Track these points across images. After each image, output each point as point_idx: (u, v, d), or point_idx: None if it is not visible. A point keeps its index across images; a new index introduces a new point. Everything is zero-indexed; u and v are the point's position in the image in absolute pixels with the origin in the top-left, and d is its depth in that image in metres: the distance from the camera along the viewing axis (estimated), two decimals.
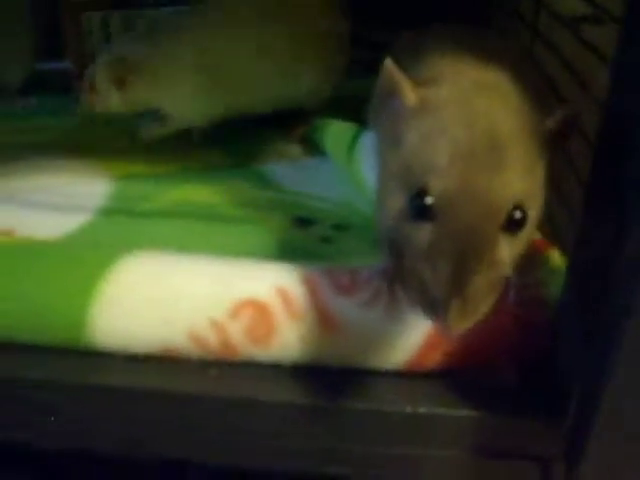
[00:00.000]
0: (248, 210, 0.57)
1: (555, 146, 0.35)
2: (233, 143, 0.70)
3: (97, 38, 0.81)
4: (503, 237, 0.32)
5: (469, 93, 0.35)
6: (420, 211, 0.32)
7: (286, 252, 0.50)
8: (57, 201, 0.57)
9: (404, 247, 0.33)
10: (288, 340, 0.40)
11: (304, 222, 0.55)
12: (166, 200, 0.59)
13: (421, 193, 0.32)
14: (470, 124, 0.33)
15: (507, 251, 0.32)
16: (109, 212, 0.56)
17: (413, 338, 0.39)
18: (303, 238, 0.53)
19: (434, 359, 0.39)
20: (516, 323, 0.39)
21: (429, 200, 0.32)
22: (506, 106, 0.34)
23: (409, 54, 0.42)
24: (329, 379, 0.40)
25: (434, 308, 0.31)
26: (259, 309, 0.40)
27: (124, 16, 0.81)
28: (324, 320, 0.39)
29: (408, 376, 0.40)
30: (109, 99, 0.65)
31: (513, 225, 0.32)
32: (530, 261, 0.40)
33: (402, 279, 0.34)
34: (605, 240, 0.33)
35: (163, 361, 0.40)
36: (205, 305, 0.40)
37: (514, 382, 0.39)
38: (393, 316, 0.39)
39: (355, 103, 0.54)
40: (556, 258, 0.43)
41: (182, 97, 0.66)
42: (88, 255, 0.43)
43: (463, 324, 0.30)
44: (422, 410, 0.38)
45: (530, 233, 0.34)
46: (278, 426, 0.39)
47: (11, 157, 0.65)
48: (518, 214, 0.32)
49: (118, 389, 0.40)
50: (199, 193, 0.60)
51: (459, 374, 0.40)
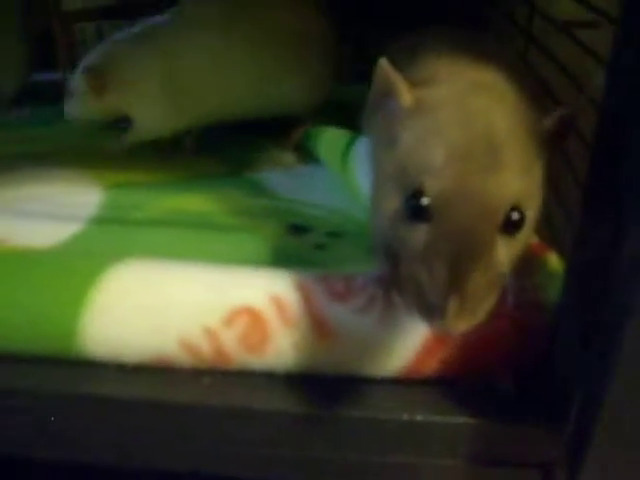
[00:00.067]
0: (242, 218, 0.57)
1: (552, 146, 0.35)
2: (226, 151, 0.70)
3: (90, 48, 0.80)
4: (500, 238, 0.32)
5: (465, 93, 0.35)
6: (416, 212, 0.32)
7: (280, 259, 0.50)
8: (49, 210, 0.57)
9: (400, 250, 0.33)
10: (282, 347, 0.39)
11: (298, 229, 0.55)
12: (159, 209, 0.58)
13: (417, 194, 0.32)
14: (466, 124, 0.32)
15: (505, 252, 0.32)
16: (101, 221, 0.56)
17: (409, 345, 0.39)
18: (297, 245, 0.52)
19: (431, 366, 0.39)
20: (514, 327, 0.38)
21: (425, 201, 0.31)
22: (502, 106, 0.34)
23: (405, 55, 0.42)
24: (324, 387, 0.39)
25: (431, 310, 0.30)
26: (253, 316, 0.39)
27: (117, 26, 0.81)
28: (319, 327, 0.39)
29: (404, 383, 0.39)
30: (87, 106, 0.66)
31: (510, 226, 0.32)
32: (528, 265, 0.40)
33: (398, 283, 0.33)
34: (603, 241, 0.33)
35: (156, 370, 0.40)
36: (198, 313, 0.39)
37: (513, 388, 0.39)
38: (388, 322, 0.38)
39: (350, 110, 0.54)
40: (554, 262, 0.43)
41: (151, 105, 0.66)
42: (79, 264, 0.42)
43: (462, 325, 0.30)
44: (419, 418, 0.37)
45: (528, 234, 0.34)
46: (273, 435, 0.39)
47: (4, 167, 0.65)
48: (516, 215, 0.32)
49: (111, 399, 0.39)
50: (192, 202, 0.59)
51: (456, 381, 0.39)
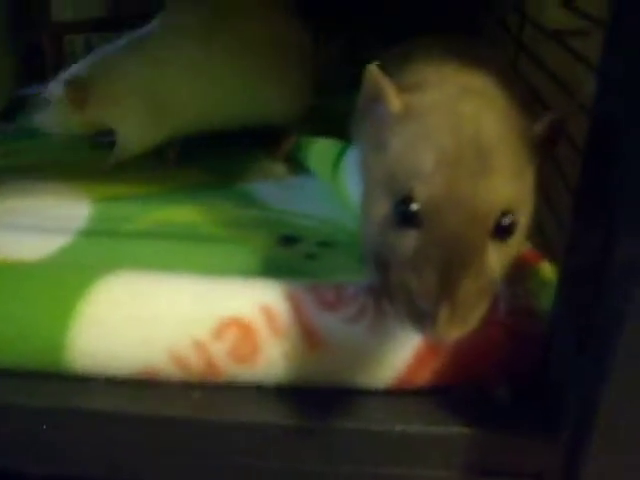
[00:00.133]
0: (232, 229, 0.56)
1: (543, 152, 0.35)
2: (217, 162, 0.70)
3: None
4: (492, 244, 0.31)
5: (455, 98, 0.34)
6: (405, 218, 0.31)
7: (271, 270, 0.49)
8: (38, 223, 0.56)
9: (390, 257, 0.33)
10: (273, 359, 0.38)
11: (289, 240, 0.54)
12: (148, 221, 0.58)
13: (406, 199, 0.31)
14: (456, 129, 0.32)
15: (496, 258, 0.31)
16: (90, 234, 0.55)
17: (401, 354, 0.38)
18: (288, 256, 0.52)
19: (423, 376, 0.38)
20: (507, 334, 0.38)
21: (415, 206, 0.31)
22: (492, 111, 0.34)
23: (395, 61, 0.41)
24: (315, 398, 0.38)
25: (422, 318, 0.30)
26: (243, 328, 0.38)
27: (107, 39, 0.80)
28: (309, 337, 0.38)
29: (397, 394, 0.39)
30: (65, 119, 0.65)
31: (502, 232, 0.31)
32: (521, 272, 0.39)
33: (389, 291, 0.33)
34: (595, 246, 0.33)
35: (145, 384, 0.39)
36: (187, 325, 0.38)
37: (507, 397, 0.38)
38: (380, 332, 0.38)
39: (341, 121, 0.54)
40: (547, 270, 0.42)
41: (134, 118, 0.66)
42: (67, 276, 0.41)
43: (453, 332, 0.29)
44: (412, 429, 0.37)
45: (520, 240, 0.33)
46: (264, 448, 0.38)
47: None
48: (507, 220, 0.31)
49: (100, 413, 0.38)
50: (182, 213, 0.59)
51: (449, 390, 0.38)
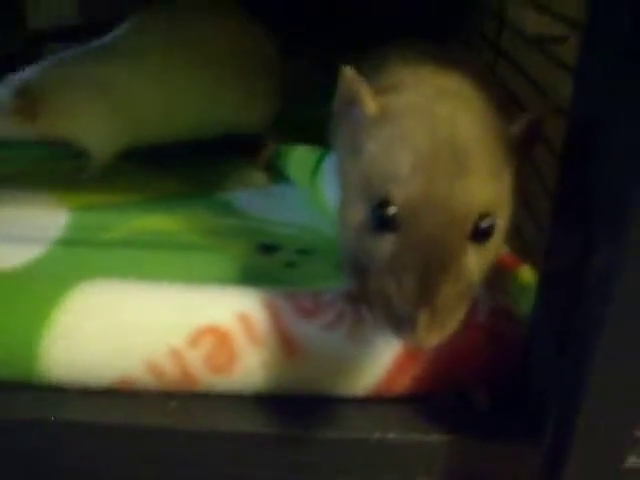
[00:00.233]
0: (211, 238, 0.56)
1: (521, 153, 0.34)
2: (196, 171, 0.69)
3: None
4: (470, 247, 0.31)
5: (431, 100, 0.34)
6: (382, 222, 0.31)
7: (250, 278, 0.49)
8: (13, 232, 0.56)
9: (368, 262, 0.32)
10: (250, 367, 0.38)
11: (268, 248, 0.54)
12: (127, 229, 0.57)
13: (383, 203, 0.31)
14: (432, 131, 0.32)
15: (475, 262, 0.31)
16: (67, 243, 0.54)
17: (380, 361, 0.38)
18: (267, 264, 0.51)
19: (403, 383, 0.38)
20: (487, 339, 0.37)
21: (391, 210, 0.31)
22: (469, 113, 0.33)
23: (371, 65, 0.41)
24: (294, 407, 0.38)
25: (401, 324, 0.29)
26: (219, 336, 0.38)
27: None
28: (287, 344, 0.38)
29: (377, 401, 0.38)
30: (14, 128, 0.64)
31: (480, 234, 0.31)
32: (500, 277, 0.39)
33: (367, 297, 0.32)
34: (574, 250, 0.32)
35: (121, 394, 0.38)
36: (162, 333, 0.38)
37: (487, 403, 0.38)
38: (358, 339, 0.37)
39: (319, 128, 0.53)
40: (526, 274, 0.42)
41: (87, 127, 0.65)
42: (41, 285, 0.41)
43: (433, 338, 0.29)
44: (391, 436, 0.36)
45: (499, 243, 0.33)
46: (243, 458, 0.38)
47: None
48: (485, 223, 0.31)
49: (75, 423, 0.38)
50: (161, 222, 0.58)
51: (429, 397, 0.38)
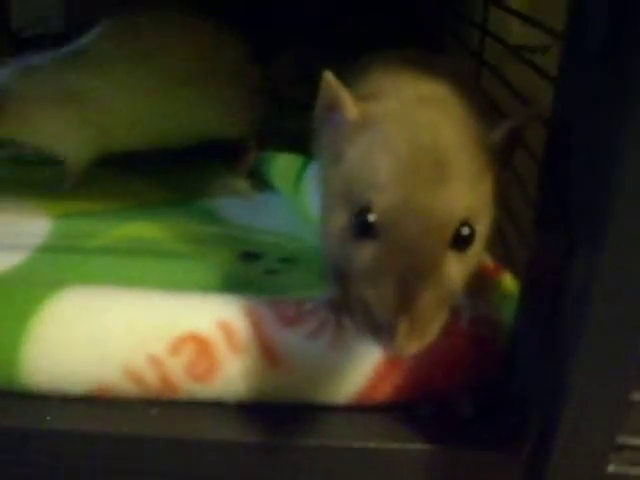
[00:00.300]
0: (194, 246, 0.55)
1: (501, 160, 0.34)
2: (179, 179, 0.69)
3: None
4: (451, 254, 0.31)
5: (412, 106, 0.34)
6: (363, 229, 0.31)
7: (232, 286, 0.48)
8: None
9: (348, 269, 0.32)
10: (231, 375, 0.38)
11: (251, 256, 0.53)
12: (109, 237, 0.56)
13: (363, 210, 0.31)
14: (413, 138, 0.32)
15: (455, 269, 0.31)
16: (49, 250, 0.54)
17: (362, 370, 0.37)
18: (249, 272, 0.51)
19: (385, 391, 0.38)
20: (469, 347, 0.37)
21: (372, 217, 0.30)
22: (450, 119, 0.33)
23: (353, 72, 0.41)
24: (275, 416, 0.38)
25: (381, 331, 0.29)
26: (200, 344, 0.38)
27: None
28: (268, 353, 0.37)
29: (358, 410, 0.38)
30: None
31: (461, 241, 0.31)
32: (483, 285, 0.39)
33: (348, 305, 0.32)
34: (556, 257, 0.32)
35: (101, 401, 0.38)
36: (143, 341, 0.38)
37: (469, 412, 0.38)
38: (340, 347, 0.37)
39: (303, 136, 0.53)
40: (509, 283, 0.42)
41: (57, 134, 0.64)
42: (20, 292, 0.40)
43: (412, 346, 0.29)
44: (372, 445, 0.36)
45: (479, 249, 0.33)
46: (224, 466, 0.37)
47: None
48: (466, 230, 0.31)
49: (54, 431, 0.37)
50: (143, 230, 0.58)
51: (412, 405, 0.38)
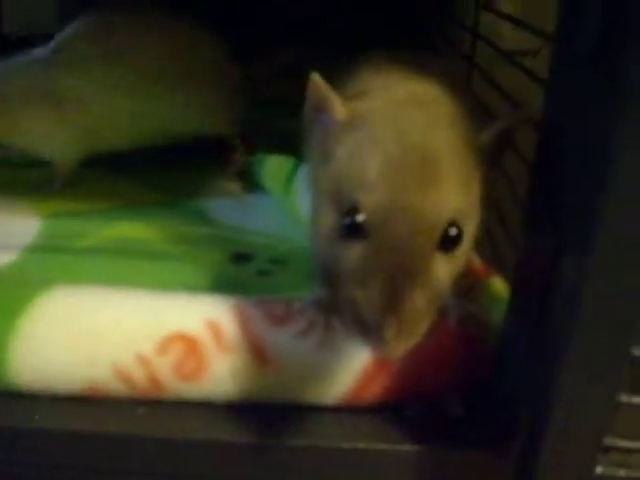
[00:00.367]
0: (184, 246, 0.55)
1: (491, 161, 0.34)
2: (169, 180, 0.69)
3: None
4: (439, 254, 0.31)
5: (400, 106, 0.34)
6: (351, 229, 0.31)
7: (222, 287, 0.48)
8: None
9: (337, 270, 0.32)
10: (220, 375, 0.37)
11: (242, 257, 0.53)
12: (99, 237, 0.56)
13: (352, 210, 0.31)
14: (401, 137, 0.32)
15: (443, 270, 0.31)
16: (37, 250, 0.54)
17: (351, 370, 0.37)
18: (240, 273, 0.51)
19: (374, 392, 0.38)
20: (458, 347, 0.37)
21: (360, 217, 0.30)
22: (439, 119, 0.33)
23: (342, 73, 0.41)
24: (264, 416, 0.38)
25: (369, 332, 0.29)
26: (188, 343, 0.37)
27: None
28: (257, 353, 0.37)
29: (347, 410, 0.38)
30: None
31: (448, 242, 0.31)
32: (472, 287, 0.39)
33: (337, 306, 0.32)
34: (545, 258, 0.32)
35: (89, 401, 0.38)
36: (130, 340, 0.38)
37: (458, 413, 0.38)
38: (329, 347, 0.37)
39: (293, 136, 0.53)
40: (498, 285, 0.42)
41: (39, 135, 0.64)
42: (9, 291, 0.40)
43: (400, 347, 0.29)
44: (361, 445, 0.36)
45: (467, 250, 0.33)
46: (212, 466, 0.37)
47: None
48: (453, 231, 0.31)
49: (43, 431, 0.37)
50: (134, 230, 0.58)
51: (401, 406, 0.38)
